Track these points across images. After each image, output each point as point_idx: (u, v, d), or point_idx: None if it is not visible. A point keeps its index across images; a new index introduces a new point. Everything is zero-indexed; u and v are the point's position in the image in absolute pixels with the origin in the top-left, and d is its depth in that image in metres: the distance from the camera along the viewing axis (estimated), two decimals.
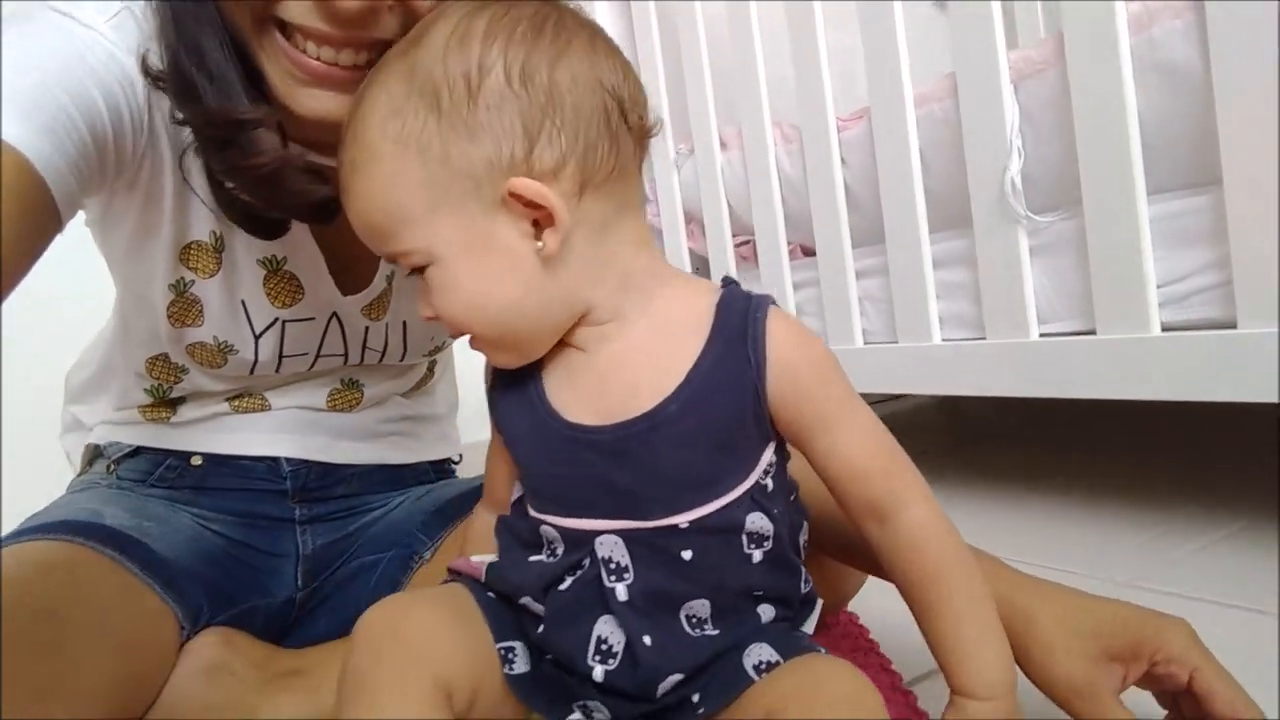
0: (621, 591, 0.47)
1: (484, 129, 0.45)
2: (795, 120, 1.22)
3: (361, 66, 0.53)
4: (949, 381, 1.06)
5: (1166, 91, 0.82)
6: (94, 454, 0.80)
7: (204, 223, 0.66)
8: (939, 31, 1.13)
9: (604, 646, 0.47)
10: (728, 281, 0.51)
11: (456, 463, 0.91)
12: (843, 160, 1.17)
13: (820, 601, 0.54)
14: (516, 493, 0.55)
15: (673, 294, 0.50)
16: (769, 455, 0.49)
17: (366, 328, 0.76)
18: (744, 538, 0.48)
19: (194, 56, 0.55)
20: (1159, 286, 0.85)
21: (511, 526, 0.54)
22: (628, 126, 0.47)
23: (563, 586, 0.49)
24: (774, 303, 0.49)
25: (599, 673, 0.46)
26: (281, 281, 0.69)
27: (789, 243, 1.30)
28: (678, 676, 0.46)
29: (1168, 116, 0.83)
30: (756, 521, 0.48)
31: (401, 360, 0.80)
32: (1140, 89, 0.83)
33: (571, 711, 0.49)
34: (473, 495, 0.76)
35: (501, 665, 0.49)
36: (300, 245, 0.68)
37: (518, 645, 0.50)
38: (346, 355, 0.77)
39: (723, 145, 1.40)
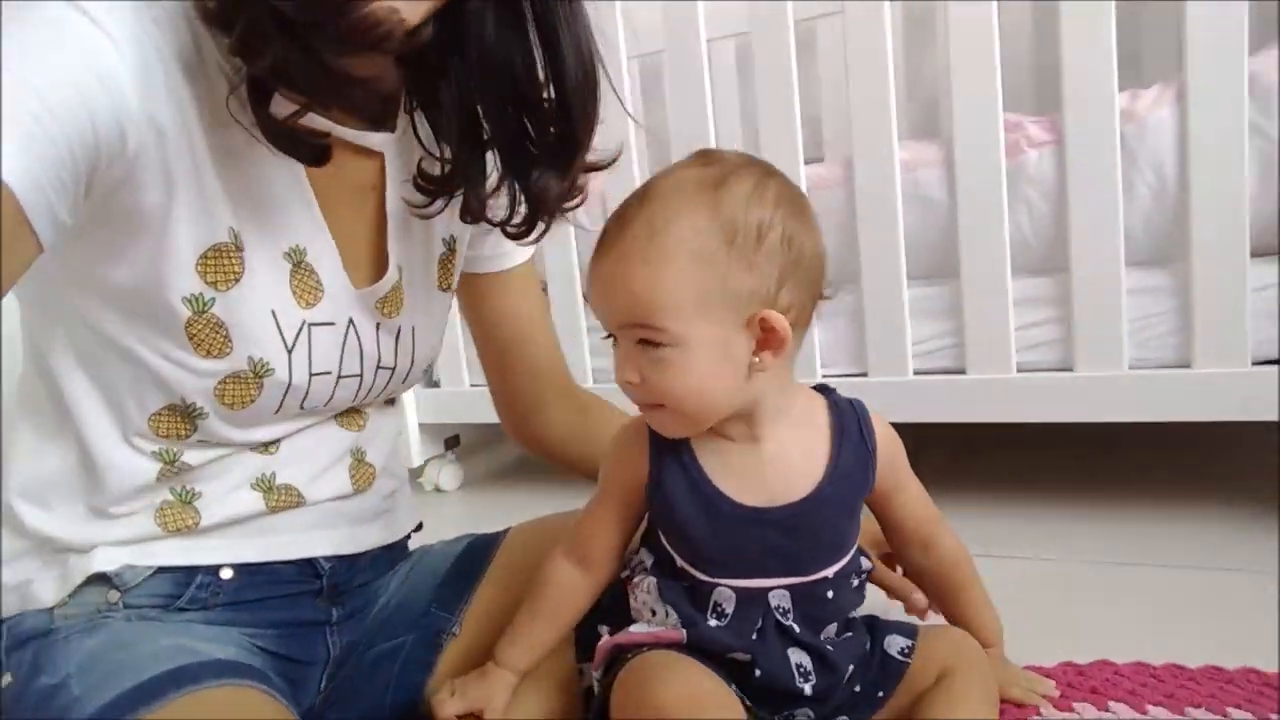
0: (795, 630, 0.66)
1: (758, 268, 0.61)
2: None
3: None
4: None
5: (922, 216, 1.20)
6: (83, 582, 0.67)
7: (221, 219, 0.61)
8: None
9: (802, 670, 0.65)
10: (823, 388, 0.71)
11: (418, 529, 0.94)
12: None
13: None
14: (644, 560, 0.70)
15: (801, 403, 0.69)
16: None
17: (379, 332, 0.72)
18: (855, 577, 0.69)
19: None
20: (914, 343, 1.23)
21: (677, 590, 0.68)
22: (821, 295, 0.66)
23: (753, 638, 0.66)
24: (866, 408, 0.71)
25: (808, 689, 0.65)
26: (304, 277, 0.65)
27: None
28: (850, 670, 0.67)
29: (921, 231, 1.20)
30: (864, 563, 0.70)
31: (406, 379, 0.79)
32: (907, 213, 1.19)
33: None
34: (466, 560, 0.85)
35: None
36: (315, 235, 0.66)
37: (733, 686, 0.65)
38: (361, 376, 0.73)
39: None
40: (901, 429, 0.71)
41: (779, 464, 0.66)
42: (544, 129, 0.68)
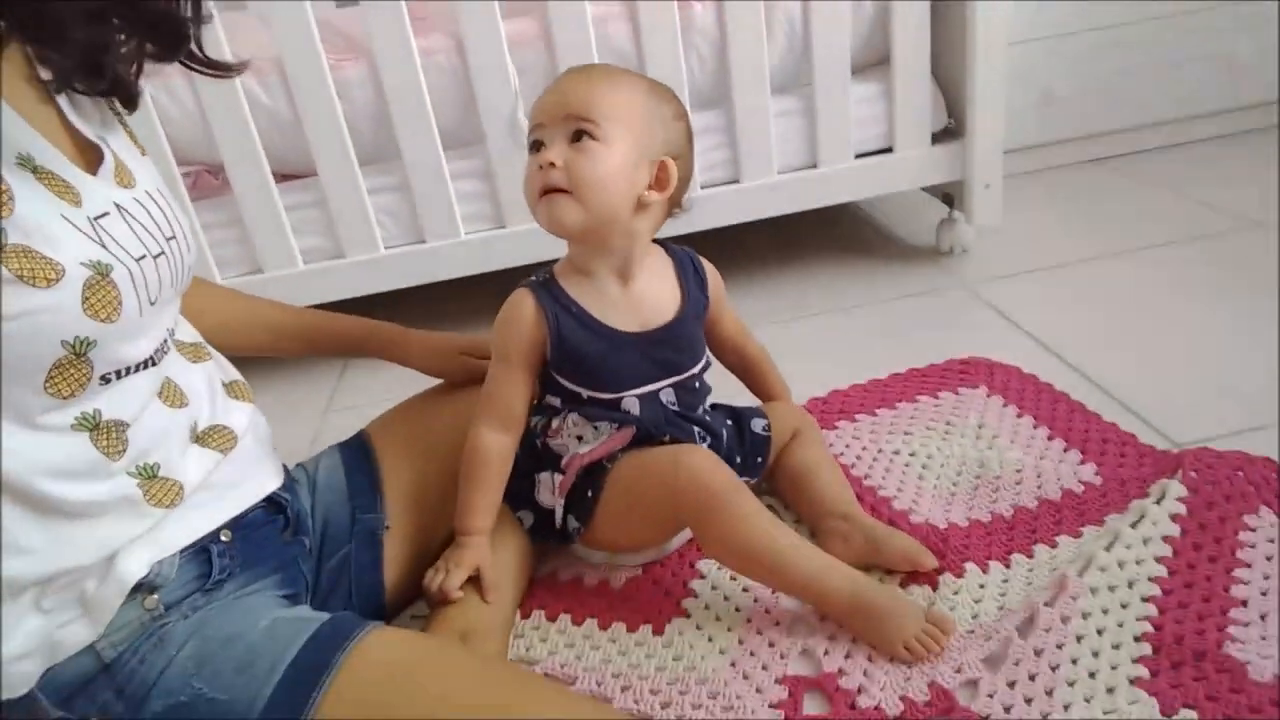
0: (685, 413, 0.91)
1: (670, 133, 0.84)
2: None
3: None
4: (475, 264, 1.47)
5: (613, 63, 1.37)
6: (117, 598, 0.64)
7: None
8: None
9: (700, 435, 0.91)
10: (659, 243, 0.92)
11: None
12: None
13: None
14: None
15: (653, 253, 0.90)
16: None
17: (139, 206, 0.68)
18: (706, 373, 0.95)
19: None
20: None
21: (596, 411, 0.88)
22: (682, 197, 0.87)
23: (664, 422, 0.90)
24: (694, 252, 0.94)
25: (705, 447, 0.90)
26: (49, 179, 0.61)
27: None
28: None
29: None
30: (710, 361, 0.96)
31: (190, 249, 0.74)
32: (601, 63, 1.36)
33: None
34: (355, 464, 0.95)
35: None
36: (26, 137, 0.60)
37: None
38: (165, 253, 0.68)
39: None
40: None
41: (647, 298, 0.88)
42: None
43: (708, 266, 0.95)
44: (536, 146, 0.83)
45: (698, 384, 0.92)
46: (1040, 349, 1.24)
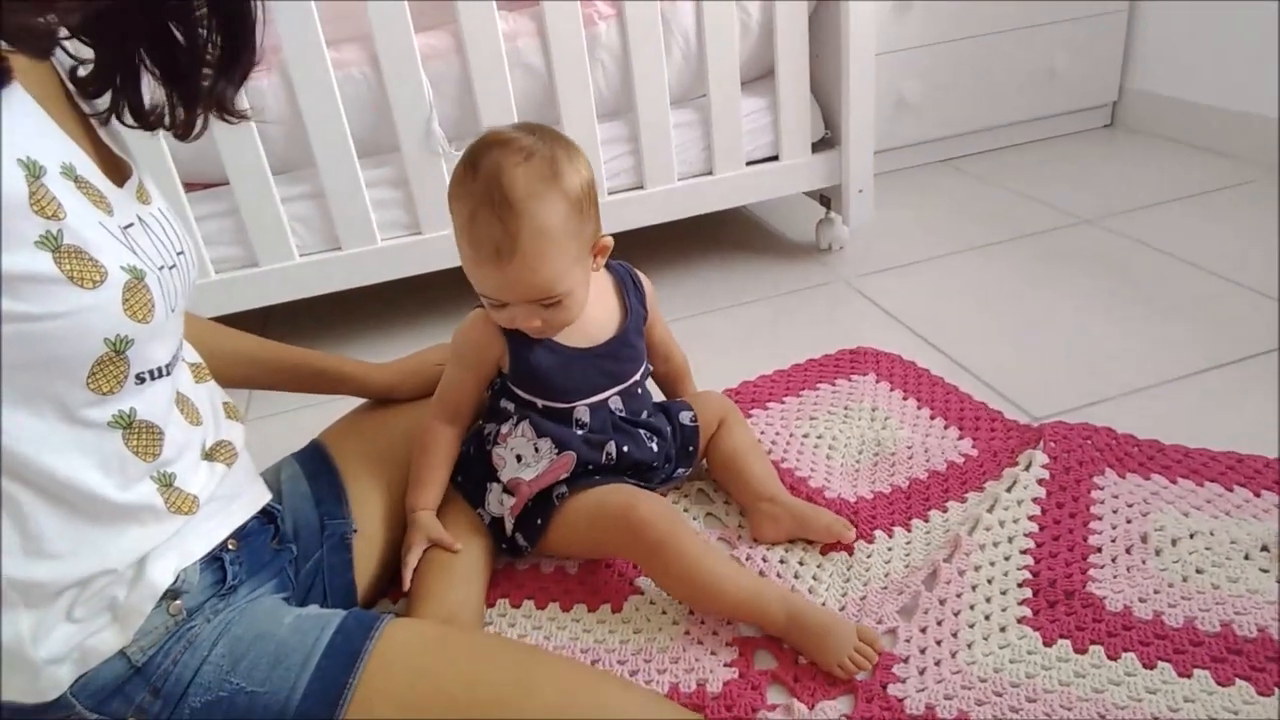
0: (631, 418, 1.01)
1: (592, 213, 0.90)
2: None
3: None
4: (391, 270, 1.51)
5: (524, 78, 1.44)
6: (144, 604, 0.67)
7: (8, 149, 0.57)
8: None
9: (649, 438, 1.02)
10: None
11: None
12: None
13: None
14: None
15: (597, 275, 0.99)
16: None
17: (155, 221, 0.72)
18: (647, 378, 1.05)
19: None
20: None
21: (545, 421, 0.97)
22: None
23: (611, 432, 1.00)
24: (629, 265, 1.04)
25: (655, 447, 1.01)
26: (87, 189, 0.64)
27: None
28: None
29: (527, 91, 1.45)
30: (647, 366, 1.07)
31: (195, 264, 0.79)
32: (513, 79, 1.42)
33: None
34: (317, 470, 1.01)
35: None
36: (68, 149, 0.64)
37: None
38: (176, 266, 0.72)
39: None
40: None
41: (594, 316, 0.98)
42: (198, 35, 0.71)
43: (644, 279, 1.05)
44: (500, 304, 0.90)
45: (640, 389, 1.02)
46: (914, 336, 1.41)
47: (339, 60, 1.37)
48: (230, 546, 0.77)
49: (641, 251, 1.78)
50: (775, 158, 1.63)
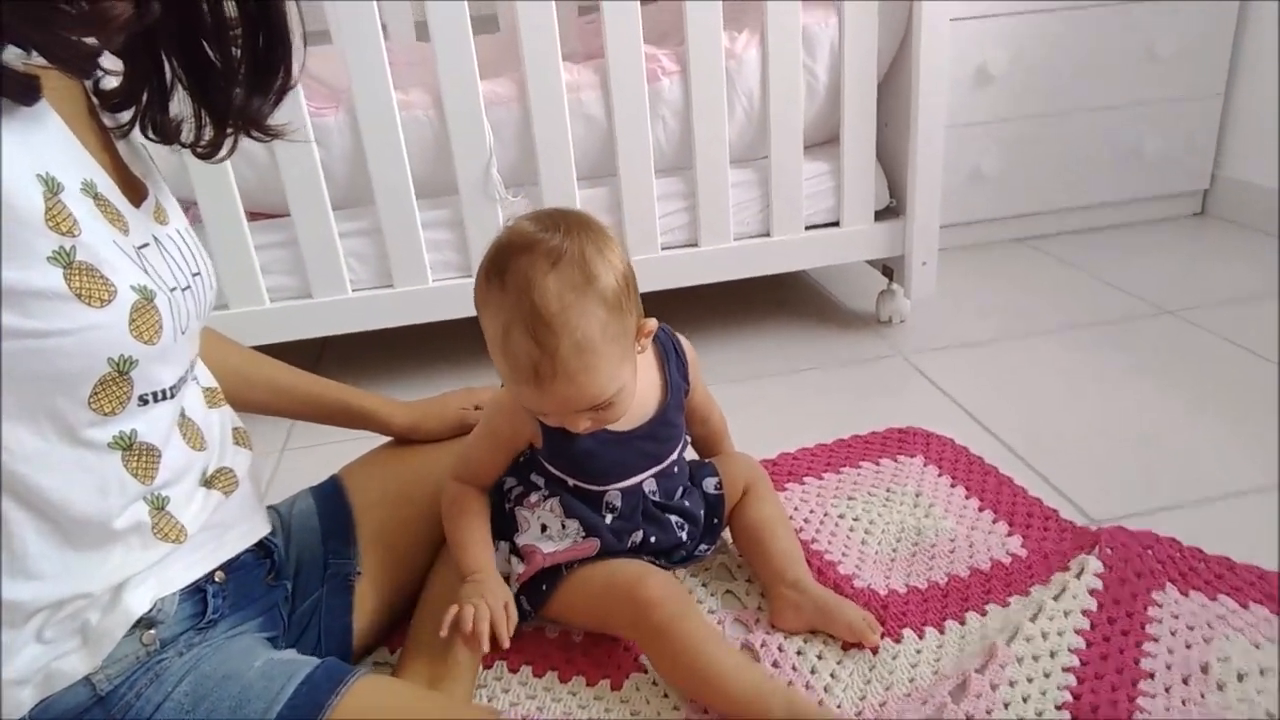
0: (663, 502, 0.96)
1: (632, 304, 0.83)
2: None
3: None
4: (441, 310, 1.51)
5: (585, 129, 1.44)
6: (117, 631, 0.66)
7: (27, 168, 0.57)
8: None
9: (679, 525, 0.96)
10: None
11: None
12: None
13: None
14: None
15: None
16: None
17: (171, 242, 0.72)
18: (685, 449, 1.00)
19: None
20: None
21: (574, 501, 0.92)
22: None
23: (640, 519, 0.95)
24: (670, 329, 0.99)
25: (685, 536, 0.96)
26: (106, 207, 0.64)
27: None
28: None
29: (584, 140, 1.45)
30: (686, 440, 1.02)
31: (213, 284, 0.79)
32: (573, 126, 1.42)
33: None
34: (330, 509, 0.98)
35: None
36: (89, 166, 0.64)
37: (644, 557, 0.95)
38: (190, 287, 0.72)
39: None
40: None
41: (637, 394, 0.90)
42: (232, 55, 0.71)
43: (686, 346, 0.99)
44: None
45: (676, 468, 0.97)
46: (969, 420, 1.34)
47: (405, 102, 1.39)
48: (217, 579, 0.75)
49: (693, 309, 1.77)
50: (836, 223, 1.59)
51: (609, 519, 0.93)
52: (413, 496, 0.99)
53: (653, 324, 0.87)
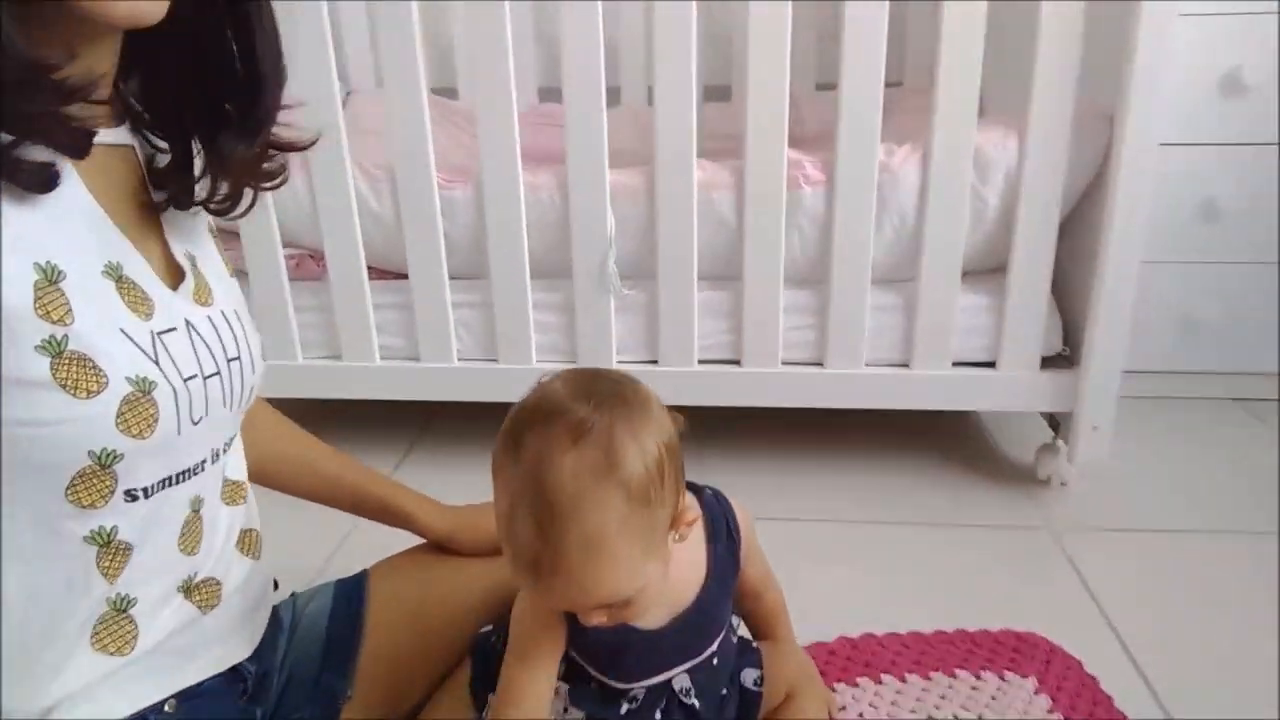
0: (695, 700, 0.82)
1: (667, 494, 0.68)
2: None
3: None
4: None
5: (713, 229, 1.34)
6: None
7: (26, 254, 0.55)
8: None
9: None
10: (691, 486, 0.82)
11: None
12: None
13: None
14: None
15: None
16: None
17: (210, 325, 0.70)
18: (732, 635, 0.86)
19: None
20: (699, 338, 1.40)
21: (588, 694, 0.80)
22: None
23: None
24: (727, 498, 0.85)
25: None
26: (129, 290, 0.62)
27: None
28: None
29: (711, 242, 1.35)
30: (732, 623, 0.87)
31: (254, 371, 0.75)
32: (700, 225, 1.33)
33: None
34: (341, 619, 0.91)
35: None
36: (120, 248, 0.63)
37: None
38: (219, 374, 0.69)
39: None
40: (687, 411, 0.74)
41: (671, 581, 0.76)
42: (233, 97, 0.68)
43: (741, 519, 0.84)
44: None
45: (718, 659, 0.82)
46: (1106, 630, 1.10)
47: (531, 183, 1.36)
48: (167, 709, 0.69)
49: (810, 432, 1.61)
50: (992, 364, 1.39)
51: (624, 707, 0.80)
52: (430, 614, 0.91)
53: (695, 513, 0.73)
